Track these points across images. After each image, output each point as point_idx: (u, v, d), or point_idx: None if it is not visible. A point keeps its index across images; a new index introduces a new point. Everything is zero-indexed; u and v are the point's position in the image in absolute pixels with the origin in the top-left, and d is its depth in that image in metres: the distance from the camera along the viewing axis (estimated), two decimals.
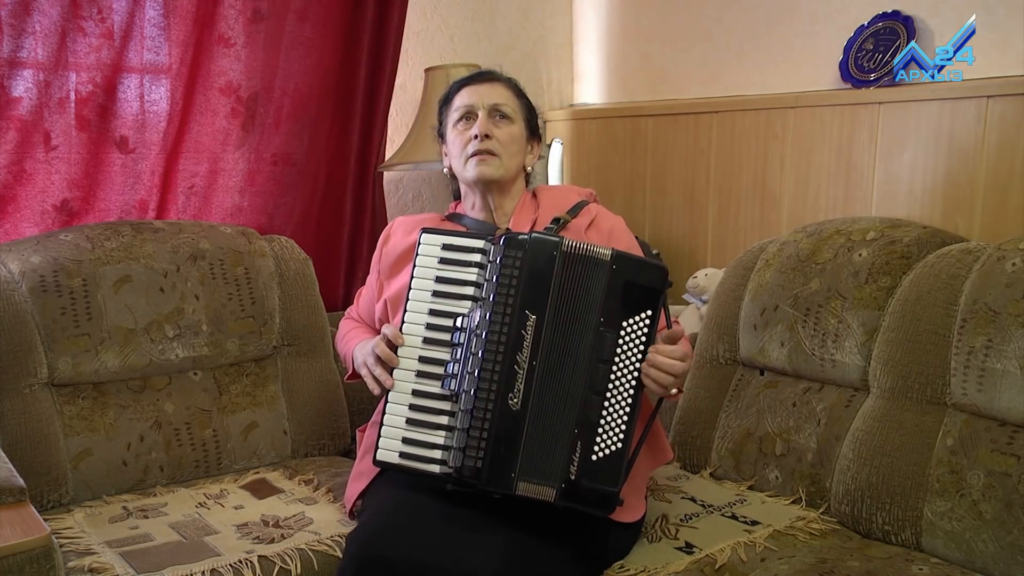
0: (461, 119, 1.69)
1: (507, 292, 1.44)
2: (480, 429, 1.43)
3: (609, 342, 1.45)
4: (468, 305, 1.48)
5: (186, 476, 1.94)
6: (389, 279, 1.73)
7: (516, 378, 1.44)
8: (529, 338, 1.44)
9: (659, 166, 2.67)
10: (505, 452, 1.43)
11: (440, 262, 1.51)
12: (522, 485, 1.43)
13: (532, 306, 1.44)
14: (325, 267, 2.41)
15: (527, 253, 1.45)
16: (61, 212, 2.09)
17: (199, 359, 1.99)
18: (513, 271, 1.45)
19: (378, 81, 2.45)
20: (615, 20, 2.88)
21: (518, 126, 1.70)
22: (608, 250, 1.47)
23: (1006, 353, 1.54)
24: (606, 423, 1.45)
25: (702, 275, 2.36)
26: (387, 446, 1.48)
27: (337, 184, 2.46)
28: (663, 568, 1.54)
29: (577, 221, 1.68)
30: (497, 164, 1.66)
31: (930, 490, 1.60)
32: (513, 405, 1.44)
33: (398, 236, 1.76)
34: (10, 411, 1.78)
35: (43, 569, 1.28)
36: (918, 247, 1.81)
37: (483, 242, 1.50)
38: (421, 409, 1.48)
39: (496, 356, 1.44)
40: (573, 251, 1.46)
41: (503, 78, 1.75)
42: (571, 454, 1.44)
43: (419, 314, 1.51)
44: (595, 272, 1.46)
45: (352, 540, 1.45)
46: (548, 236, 1.48)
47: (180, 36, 2.15)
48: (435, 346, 1.49)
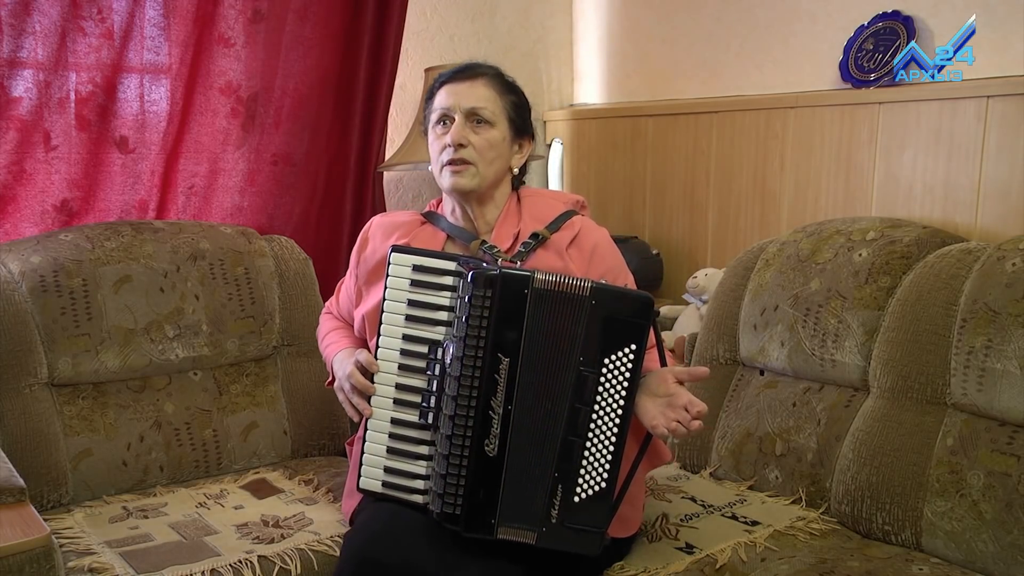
0: (439, 122, 1.59)
1: (477, 334, 1.38)
2: (456, 476, 1.39)
3: (590, 382, 1.38)
4: (442, 330, 1.44)
5: (186, 476, 1.94)
6: (367, 287, 1.66)
7: (491, 423, 1.38)
8: (503, 382, 1.38)
9: (659, 166, 2.67)
10: (484, 498, 1.39)
11: (412, 284, 1.45)
12: (502, 530, 1.40)
13: (504, 348, 1.38)
14: (325, 267, 2.40)
15: (496, 291, 1.37)
16: (61, 212, 2.09)
17: (199, 359, 1.99)
18: (483, 311, 1.37)
19: (378, 81, 2.45)
20: (615, 20, 2.88)
21: (499, 130, 1.57)
22: (587, 284, 1.39)
23: (1006, 353, 1.54)
24: (588, 464, 1.40)
25: (702, 275, 2.36)
26: (369, 475, 1.47)
27: (337, 184, 2.46)
28: (663, 568, 1.54)
29: (558, 236, 1.57)
30: (472, 174, 1.55)
31: (930, 490, 1.59)
32: (489, 451, 1.39)
33: (376, 240, 1.65)
34: (10, 411, 1.78)
35: (43, 569, 1.28)
36: (918, 247, 1.81)
37: (454, 265, 1.44)
38: (401, 438, 1.46)
39: (470, 402, 1.38)
40: (547, 287, 1.38)
41: (486, 73, 1.60)
42: (552, 497, 1.39)
43: (393, 339, 1.47)
44: (572, 309, 1.38)
45: (348, 542, 1.45)
46: (518, 272, 1.40)
47: (180, 36, 2.15)
48: (411, 373, 1.46)
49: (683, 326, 2.37)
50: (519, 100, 1.63)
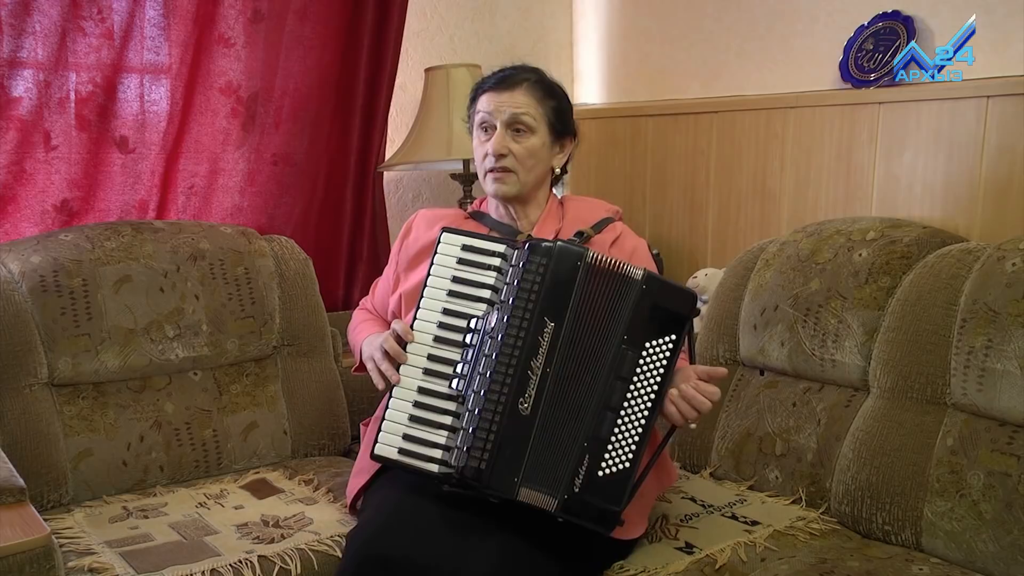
0: (481, 127, 1.65)
1: (527, 297, 1.42)
2: (487, 431, 1.41)
3: (629, 360, 1.43)
4: (483, 308, 1.46)
5: (186, 476, 1.94)
6: (407, 272, 1.71)
7: (528, 383, 1.42)
8: (545, 345, 1.42)
9: (659, 166, 2.67)
10: (511, 455, 1.42)
11: (459, 262, 1.49)
12: (524, 491, 1.42)
13: (551, 313, 1.42)
14: (325, 267, 2.41)
15: (551, 260, 1.43)
16: (61, 212, 2.09)
17: (199, 359, 1.99)
18: (536, 276, 1.43)
19: (378, 81, 2.45)
20: (615, 20, 2.88)
21: (539, 136, 1.63)
22: (640, 269, 1.44)
23: (1006, 353, 1.54)
24: (617, 440, 1.43)
25: (702, 275, 2.36)
26: (387, 441, 1.47)
27: (337, 184, 2.46)
28: (663, 568, 1.54)
29: (601, 237, 1.66)
30: (513, 181, 1.62)
31: (930, 490, 1.60)
32: (523, 410, 1.42)
33: (420, 230, 1.72)
34: (10, 411, 1.78)
35: (43, 569, 1.28)
36: (918, 247, 1.81)
37: (504, 247, 1.48)
38: (426, 407, 1.47)
39: (511, 360, 1.42)
40: (599, 264, 1.44)
41: (527, 78, 1.64)
42: (578, 466, 1.42)
43: (432, 312, 1.49)
44: (623, 289, 1.44)
45: (352, 538, 1.46)
46: (574, 246, 1.46)
47: (180, 36, 2.15)
48: (446, 345, 1.48)
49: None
50: (559, 104, 1.66)
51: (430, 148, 2.39)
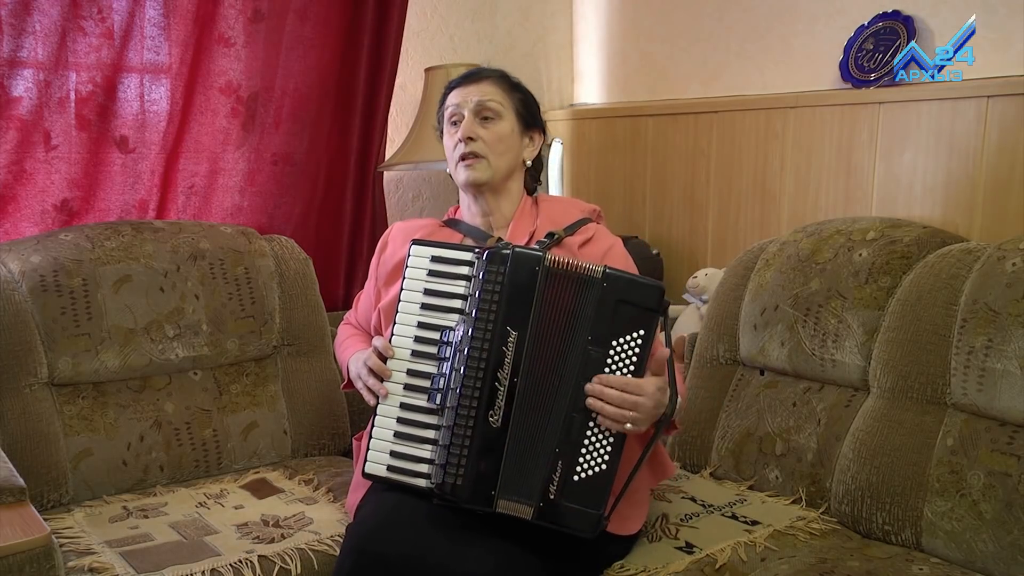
0: (451, 122, 1.66)
1: (489, 308, 1.41)
2: (460, 446, 1.41)
3: (596, 361, 1.41)
4: (456, 318, 1.46)
5: (186, 476, 1.94)
6: (386, 287, 1.72)
7: (497, 395, 1.41)
8: (511, 354, 1.41)
9: (659, 166, 2.67)
10: (485, 470, 1.41)
11: (429, 274, 1.49)
12: (502, 503, 1.41)
13: (514, 322, 1.41)
14: (325, 267, 2.40)
15: (508, 268, 1.42)
16: (61, 212, 2.09)
17: (199, 359, 1.99)
18: (495, 286, 1.42)
19: (378, 81, 2.45)
20: (615, 20, 2.88)
21: (507, 122, 1.64)
22: (599, 267, 1.43)
23: (1006, 353, 1.54)
24: (590, 443, 1.42)
25: (702, 275, 2.36)
26: (375, 459, 1.48)
27: (337, 184, 2.46)
28: (663, 568, 1.54)
29: (572, 239, 1.64)
30: (484, 166, 1.62)
31: (930, 490, 1.59)
32: (494, 422, 1.41)
33: (396, 244, 1.73)
34: (10, 411, 1.78)
35: (43, 569, 1.28)
36: (918, 247, 1.81)
37: (471, 254, 1.48)
38: (408, 423, 1.47)
39: (477, 373, 1.41)
40: (557, 267, 1.42)
41: (492, 74, 1.69)
42: (551, 473, 1.41)
43: (408, 327, 1.49)
44: (583, 290, 1.42)
45: (350, 534, 1.46)
46: (530, 251, 1.44)
47: (180, 36, 2.15)
48: (423, 359, 1.48)
49: (683, 326, 2.37)
50: (525, 97, 1.70)
51: (430, 148, 2.39)
